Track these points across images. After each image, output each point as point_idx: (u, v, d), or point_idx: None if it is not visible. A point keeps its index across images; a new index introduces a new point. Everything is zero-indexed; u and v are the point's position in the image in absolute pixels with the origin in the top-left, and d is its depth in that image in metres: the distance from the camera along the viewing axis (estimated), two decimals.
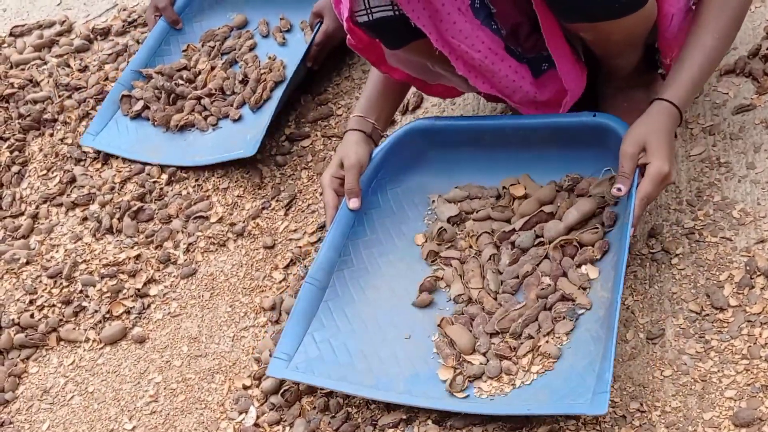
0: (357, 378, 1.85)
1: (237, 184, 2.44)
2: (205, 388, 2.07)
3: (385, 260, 2.03)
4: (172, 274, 2.33)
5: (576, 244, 1.86)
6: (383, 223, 2.08)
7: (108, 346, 2.25)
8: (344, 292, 1.99)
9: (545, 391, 1.70)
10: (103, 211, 2.52)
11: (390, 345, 1.89)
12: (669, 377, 1.72)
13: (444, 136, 2.08)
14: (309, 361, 1.90)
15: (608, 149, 1.87)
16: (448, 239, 2.01)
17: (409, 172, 2.12)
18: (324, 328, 1.94)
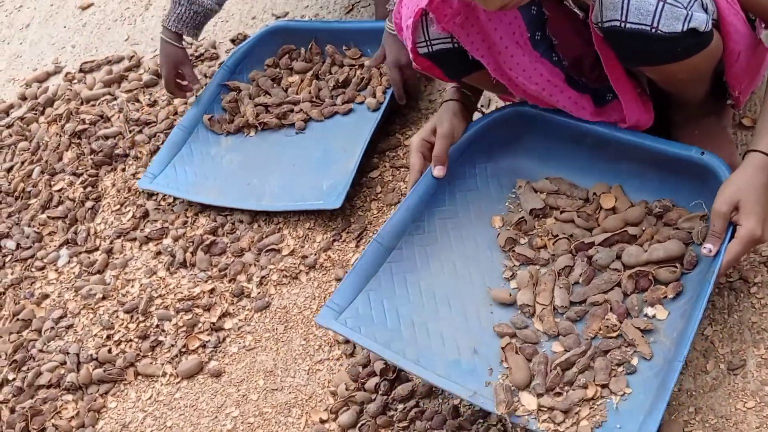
0: (400, 347, 1.86)
1: (307, 216, 2.46)
2: (282, 422, 2.09)
3: (456, 234, 2.01)
4: (245, 307, 2.36)
5: (651, 278, 1.84)
6: (464, 197, 2.06)
7: (185, 380, 2.28)
8: (409, 257, 1.99)
9: None
10: (177, 245, 2.55)
11: (440, 322, 1.89)
12: (752, 409, 1.70)
13: (546, 126, 2.02)
14: (358, 318, 1.91)
15: (706, 187, 1.83)
16: (526, 231, 2.00)
17: (502, 152, 2.08)
18: (380, 289, 1.95)
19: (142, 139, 2.87)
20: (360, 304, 1.93)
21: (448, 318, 1.90)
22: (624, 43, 1.68)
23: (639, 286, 1.85)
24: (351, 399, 2.03)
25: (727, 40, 1.74)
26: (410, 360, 1.84)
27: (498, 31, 1.76)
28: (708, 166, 1.83)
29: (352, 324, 1.90)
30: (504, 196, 2.07)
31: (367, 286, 1.96)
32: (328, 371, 2.14)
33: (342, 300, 1.93)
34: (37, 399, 2.34)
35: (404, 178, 2.43)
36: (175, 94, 2.80)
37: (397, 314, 1.91)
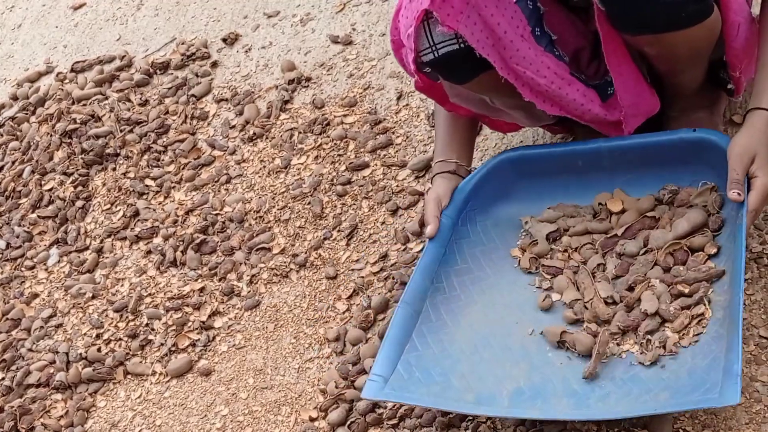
0: (456, 395, 1.81)
1: (298, 215, 2.46)
2: (272, 421, 2.08)
3: (477, 288, 1.99)
4: (236, 306, 2.35)
5: (686, 249, 1.82)
6: (473, 253, 2.05)
7: (174, 379, 2.27)
8: (438, 318, 1.95)
9: (665, 392, 1.65)
10: (167, 244, 2.54)
11: (488, 363, 1.85)
12: (741, 405, 1.69)
13: (536, 165, 2.05)
14: (404, 383, 1.85)
15: (706, 164, 1.85)
16: (542, 253, 1.98)
17: (498, 204, 2.08)
18: (419, 352, 1.91)
19: (133, 138, 2.86)
20: (402, 369, 1.88)
21: (495, 358, 1.86)
22: (628, 6, 1.68)
23: (678, 260, 1.83)
24: (341, 397, 2.03)
25: (727, 11, 1.74)
26: (471, 403, 1.80)
27: (501, 26, 1.75)
28: (704, 140, 1.85)
29: (399, 389, 1.85)
30: (510, 242, 2.05)
31: (404, 353, 1.90)
32: (317, 369, 2.13)
33: (383, 371, 1.87)
34: (26, 398, 2.33)
35: (396, 176, 2.42)
36: None
37: (442, 370, 1.87)
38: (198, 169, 2.72)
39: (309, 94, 2.75)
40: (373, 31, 2.81)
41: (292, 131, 2.66)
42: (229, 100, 2.86)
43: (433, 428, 1.89)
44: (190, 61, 3.07)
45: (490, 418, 1.85)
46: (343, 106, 2.66)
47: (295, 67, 2.84)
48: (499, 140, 2.38)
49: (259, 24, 3.05)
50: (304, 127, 2.64)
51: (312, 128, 2.63)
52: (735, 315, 1.62)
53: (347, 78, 2.72)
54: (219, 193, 2.62)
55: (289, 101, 2.76)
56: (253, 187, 2.58)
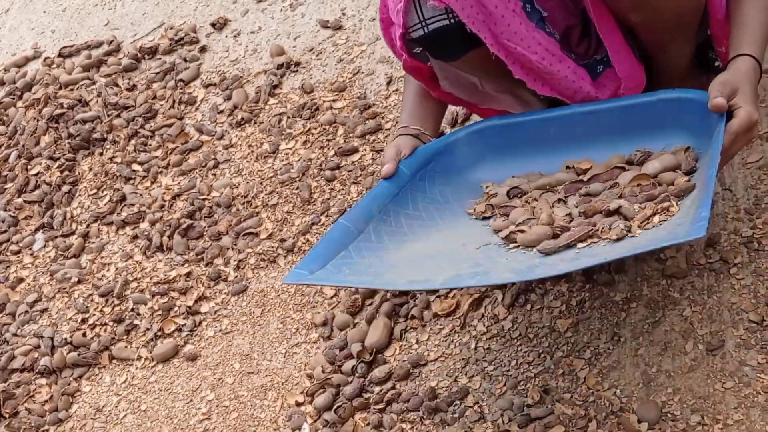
0: (389, 280, 1.70)
1: (286, 200, 2.44)
2: (258, 405, 2.06)
3: (424, 231, 1.88)
4: (222, 291, 2.33)
5: (654, 184, 1.72)
6: (427, 207, 1.94)
7: (160, 364, 2.25)
8: (378, 240, 1.84)
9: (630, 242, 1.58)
10: (153, 229, 2.52)
11: (429, 265, 1.72)
12: (730, 389, 1.68)
13: (508, 135, 1.96)
14: (333, 274, 1.73)
15: (684, 127, 1.77)
16: (499, 204, 1.86)
17: (462, 173, 1.99)
18: (353, 260, 1.78)
19: (120, 123, 2.84)
20: (332, 267, 1.76)
21: (436, 265, 1.73)
22: None
23: (645, 190, 1.72)
24: (327, 382, 2.01)
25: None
26: (402, 283, 1.70)
27: (492, 1, 1.73)
28: (683, 99, 1.78)
29: (326, 277, 1.74)
30: (467, 205, 1.94)
31: (338, 257, 1.78)
32: (304, 354, 2.12)
33: (310, 267, 1.74)
34: (10, 383, 2.31)
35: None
36: None
37: (377, 272, 1.74)
38: (185, 154, 2.70)
39: (298, 78, 2.73)
40: (363, 15, 2.79)
41: (280, 116, 2.64)
42: (218, 84, 2.83)
43: (420, 412, 1.87)
44: (179, 45, 3.05)
45: (477, 401, 1.84)
46: (332, 91, 2.64)
47: (284, 52, 2.82)
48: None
49: (249, 9, 3.02)
50: (292, 111, 2.62)
51: (301, 113, 2.61)
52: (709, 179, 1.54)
53: (337, 63, 2.70)
54: (206, 178, 2.60)
55: (278, 86, 2.74)
56: (240, 172, 2.56)
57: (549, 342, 1.89)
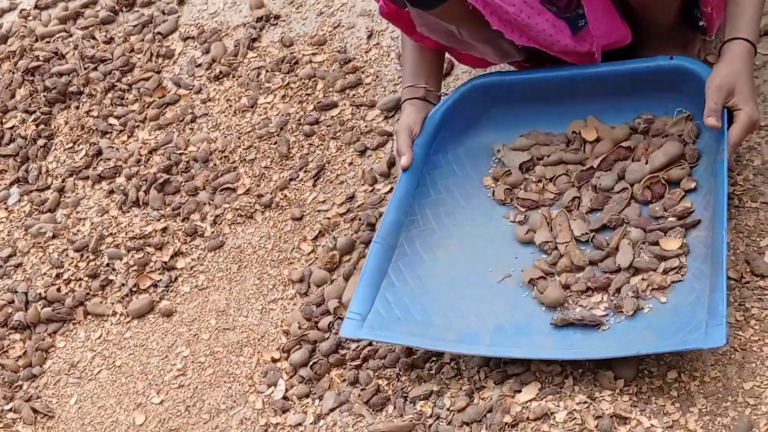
0: (437, 333, 1.78)
1: (264, 155, 2.40)
2: (234, 362, 2.04)
3: (451, 220, 1.96)
4: (199, 246, 2.30)
5: (663, 182, 1.80)
6: (446, 185, 2.01)
7: (135, 319, 2.23)
8: (413, 252, 1.92)
9: (649, 331, 1.64)
10: (130, 183, 2.49)
11: (468, 300, 1.82)
12: None
13: (509, 91, 2.01)
14: (384, 321, 1.82)
15: (683, 93, 1.82)
16: (514, 184, 1.95)
17: (470, 132, 2.05)
18: (396, 288, 1.87)
19: (96, 76, 2.79)
20: (381, 307, 1.85)
21: (475, 294, 1.83)
22: None
23: (655, 194, 1.81)
24: (304, 338, 1.99)
25: None
26: (452, 342, 1.77)
27: None
28: (681, 69, 1.82)
29: (379, 327, 1.82)
30: (483, 170, 2.01)
31: (382, 289, 1.87)
32: (281, 310, 2.10)
33: (361, 308, 1.84)
34: None
35: (365, 116, 2.37)
36: None
37: (422, 307, 1.84)
38: (163, 108, 2.66)
39: (277, 32, 2.68)
40: None
41: (259, 70, 2.60)
42: (196, 38, 2.79)
43: (397, 369, 1.86)
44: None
45: (453, 358, 1.82)
46: (312, 44, 2.59)
47: (264, 5, 2.77)
48: (464, 72, 2.33)
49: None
50: (271, 65, 2.58)
51: (280, 67, 2.57)
52: (718, 254, 1.59)
53: (317, 16, 2.66)
54: (183, 132, 2.57)
55: (257, 39, 2.69)
56: (218, 127, 2.53)
57: None
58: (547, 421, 1.66)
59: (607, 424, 1.61)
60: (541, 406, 1.67)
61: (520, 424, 1.67)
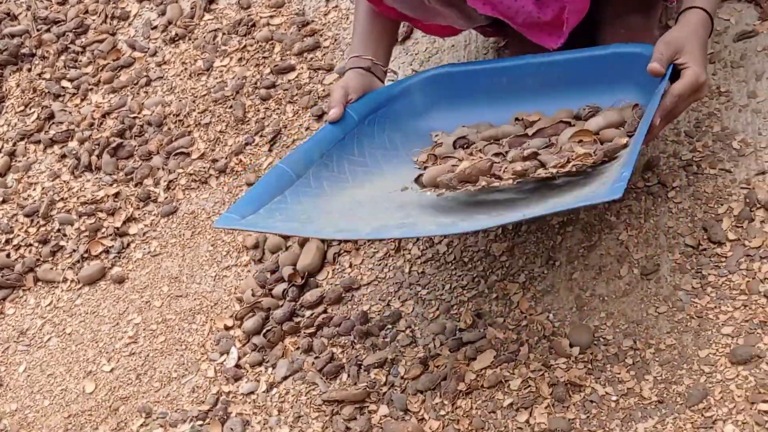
0: (316, 228, 1.69)
1: (219, 119, 2.36)
2: (186, 329, 2.01)
3: (367, 177, 1.87)
4: (152, 212, 2.26)
5: (597, 140, 1.71)
6: (373, 153, 1.93)
7: (86, 286, 2.19)
8: (318, 186, 1.81)
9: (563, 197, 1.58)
10: (82, 147, 2.44)
11: (360, 213, 1.72)
12: (664, 314, 1.65)
13: (459, 84, 1.96)
14: (263, 220, 1.70)
15: (634, 83, 1.76)
16: (443, 154, 1.85)
17: (413, 120, 1.98)
18: (287, 204, 1.75)
19: (49, 38, 2.73)
20: (264, 212, 1.73)
21: (368, 212, 1.73)
22: None
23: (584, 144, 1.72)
24: (257, 305, 1.96)
25: None
26: (330, 231, 1.67)
27: None
28: (636, 54, 1.77)
29: (255, 223, 1.71)
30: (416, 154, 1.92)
31: (273, 202, 1.75)
32: (235, 277, 2.06)
33: (242, 212, 1.71)
34: None
35: (322, 80, 2.33)
36: None
37: (308, 217, 1.73)
38: (117, 70, 2.60)
39: None
40: None
41: (215, 32, 2.55)
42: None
43: (351, 337, 1.83)
44: None
45: (409, 326, 1.80)
46: (269, 6, 2.54)
47: None
48: (430, 44, 2.29)
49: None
50: (228, 28, 2.53)
51: (237, 29, 2.52)
52: (638, 137, 1.54)
53: None
54: (138, 95, 2.51)
55: (214, 1, 2.64)
56: (173, 90, 2.48)
57: (484, 266, 1.85)
58: (502, 388, 1.64)
59: (561, 392, 1.60)
60: (495, 374, 1.65)
61: (475, 392, 1.65)
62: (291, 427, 1.75)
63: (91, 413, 1.95)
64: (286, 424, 1.76)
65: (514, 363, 1.66)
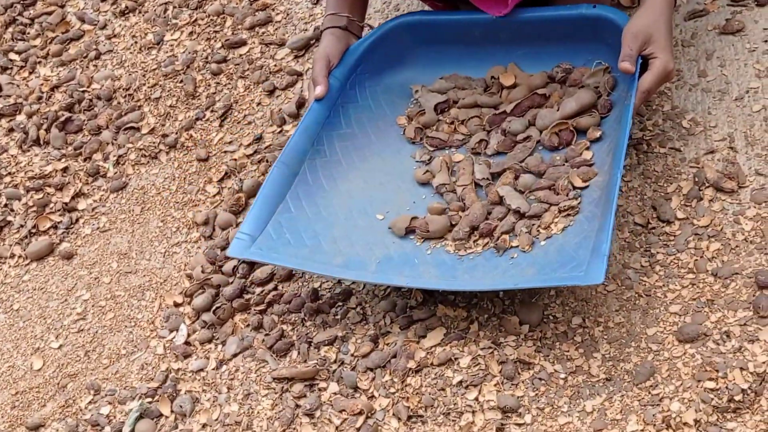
0: (324, 259, 1.76)
1: (169, 93, 2.33)
2: (135, 306, 1.99)
3: (359, 154, 1.93)
4: (101, 187, 2.23)
5: (572, 129, 1.79)
6: (359, 119, 1.97)
7: (34, 262, 2.16)
8: (315, 181, 1.89)
9: (532, 268, 1.62)
10: (30, 121, 2.40)
11: (361, 230, 1.81)
12: (612, 292, 1.66)
13: (432, 31, 1.99)
14: (273, 243, 1.79)
15: (604, 43, 1.81)
16: (427, 124, 1.93)
17: (390, 70, 2.02)
18: (291, 214, 1.84)
19: None
20: (272, 230, 1.81)
21: (369, 225, 1.82)
22: None
23: (563, 140, 1.80)
24: (207, 282, 1.94)
25: None
26: (338, 267, 1.74)
27: None
28: (603, 18, 1.82)
29: (267, 249, 1.78)
30: (400, 112, 1.99)
31: (276, 214, 1.83)
32: (185, 254, 2.04)
33: (252, 229, 1.80)
34: None
35: (274, 55, 2.31)
36: None
37: (314, 233, 1.81)
38: (66, 43, 2.56)
39: None
40: None
41: (166, 5, 2.51)
42: None
43: (302, 314, 1.82)
44: None
45: (359, 303, 1.79)
46: None
47: None
48: (384, 5, 2.28)
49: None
50: (179, 1, 2.50)
51: (188, 2, 2.49)
52: (611, 195, 1.58)
53: None
54: (87, 69, 2.48)
55: None
56: (123, 64, 2.44)
57: None
58: (451, 366, 1.64)
59: (510, 370, 1.60)
60: (445, 351, 1.65)
61: (424, 369, 1.66)
62: (240, 404, 1.74)
63: (39, 390, 1.93)
64: (236, 401, 1.75)
65: (464, 341, 1.66)
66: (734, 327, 1.55)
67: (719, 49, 1.90)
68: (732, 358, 1.52)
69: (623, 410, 1.52)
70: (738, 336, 1.54)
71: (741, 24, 1.91)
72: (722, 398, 1.48)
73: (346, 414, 1.65)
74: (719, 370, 1.51)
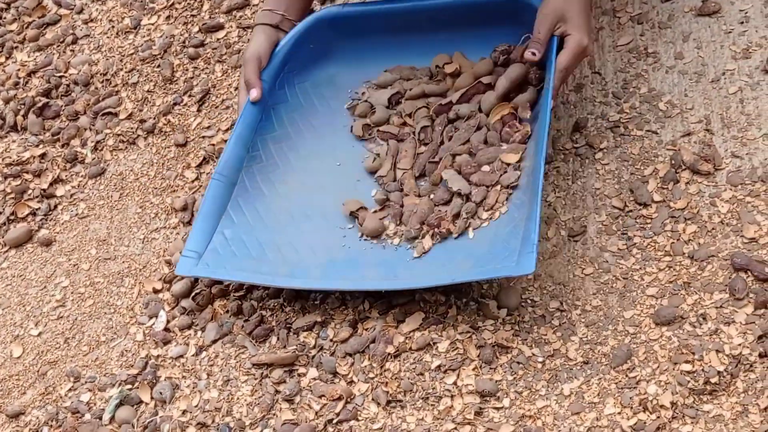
0: (270, 269, 1.79)
1: (147, 78, 2.32)
2: (114, 292, 1.99)
3: (295, 155, 1.95)
4: (79, 173, 2.22)
5: (512, 111, 1.79)
6: (292, 118, 1.99)
7: (12, 249, 2.15)
8: (254, 188, 1.90)
9: (468, 260, 1.64)
10: (7, 107, 2.39)
11: (305, 235, 1.83)
12: (590, 275, 1.66)
13: (354, 24, 2.00)
14: (220, 258, 1.82)
15: (524, 25, 1.81)
16: (380, 122, 1.93)
17: (317, 65, 2.03)
18: (234, 225, 1.86)
19: None
20: (218, 244, 1.83)
21: (313, 227, 1.83)
22: None
23: (506, 123, 1.79)
24: None
25: None
26: (283, 276, 1.76)
27: None
28: (518, 1, 1.84)
29: (214, 265, 1.80)
30: (331, 108, 2.00)
31: (220, 226, 1.85)
32: (164, 240, 2.04)
33: (197, 245, 1.83)
34: None
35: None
36: None
37: (258, 243, 1.83)
38: (42, 28, 2.54)
39: None
40: None
41: None
42: None
43: (281, 299, 1.82)
44: None
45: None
46: None
47: None
48: None
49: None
50: None
51: None
52: (535, 182, 1.60)
53: None
54: (64, 54, 2.46)
55: None
56: (100, 49, 2.43)
57: None
58: (430, 351, 1.65)
59: (488, 354, 1.61)
60: (423, 336, 1.66)
61: (403, 354, 1.66)
62: (220, 391, 1.74)
63: (19, 378, 1.93)
64: (216, 387, 1.75)
65: (442, 325, 1.67)
66: (710, 309, 1.56)
67: (696, 31, 1.90)
68: (708, 341, 1.53)
69: (600, 393, 1.53)
70: (714, 318, 1.55)
71: (717, 6, 1.91)
72: (698, 380, 1.49)
73: (325, 399, 1.66)
74: (695, 352, 1.52)
